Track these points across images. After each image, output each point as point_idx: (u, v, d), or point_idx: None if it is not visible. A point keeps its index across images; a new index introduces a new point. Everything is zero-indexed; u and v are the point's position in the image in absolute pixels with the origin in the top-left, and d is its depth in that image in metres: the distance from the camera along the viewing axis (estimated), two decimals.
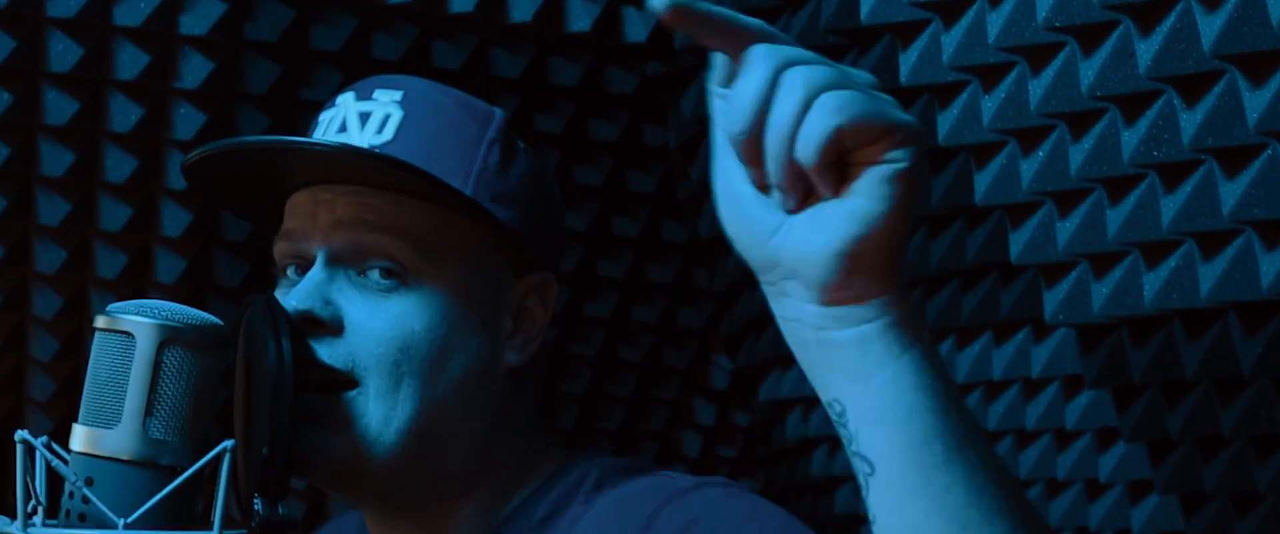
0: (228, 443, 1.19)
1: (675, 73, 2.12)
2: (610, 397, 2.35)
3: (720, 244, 2.28)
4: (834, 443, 2.25)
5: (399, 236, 1.26)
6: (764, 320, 2.29)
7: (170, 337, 1.19)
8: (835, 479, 2.28)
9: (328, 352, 1.25)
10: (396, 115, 1.29)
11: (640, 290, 2.29)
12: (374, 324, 1.26)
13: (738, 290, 2.32)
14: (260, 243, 2.00)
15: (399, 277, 1.27)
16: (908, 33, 1.58)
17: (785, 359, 2.28)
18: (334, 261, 1.28)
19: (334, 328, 1.26)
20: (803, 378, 2.28)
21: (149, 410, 1.19)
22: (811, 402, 2.26)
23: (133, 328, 1.19)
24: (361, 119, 1.29)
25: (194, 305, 1.21)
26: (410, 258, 1.26)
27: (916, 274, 1.87)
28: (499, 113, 1.33)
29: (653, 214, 2.24)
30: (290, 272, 1.32)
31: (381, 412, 1.25)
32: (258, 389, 1.23)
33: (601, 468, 1.30)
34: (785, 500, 2.46)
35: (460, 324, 1.27)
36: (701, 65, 2.09)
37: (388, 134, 1.28)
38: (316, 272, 1.27)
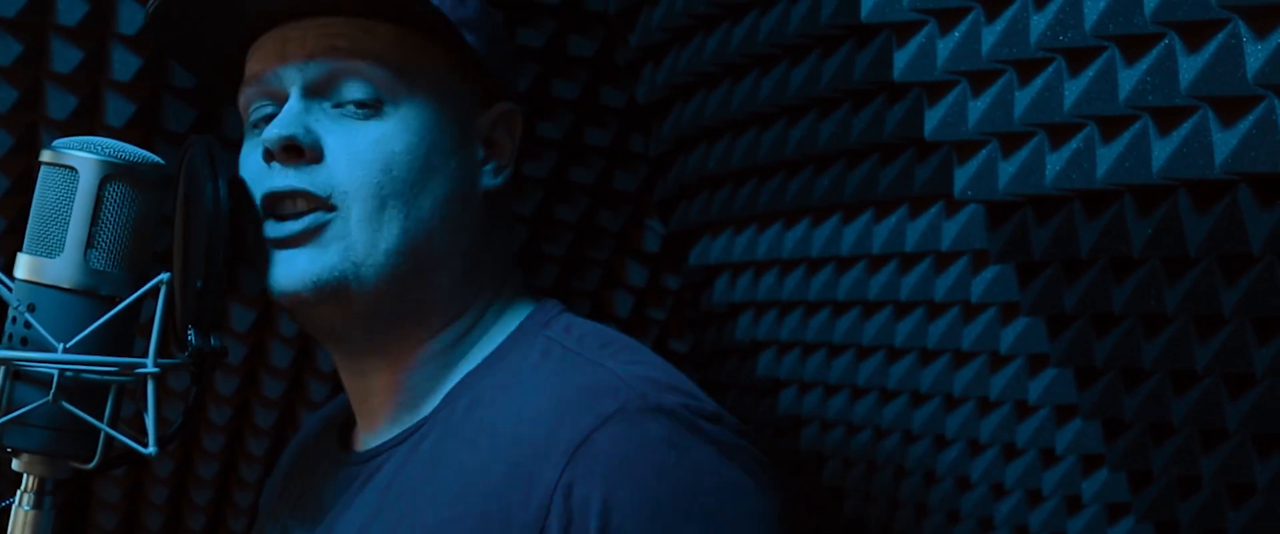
0: (165, 276, 1.25)
1: None
2: (545, 255, 2.40)
3: (657, 110, 2.35)
4: (758, 308, 2.32)
5: (372, 61, 1.30)
6: (697, 186, 2.35)
7: (112, 172, 1.25)
8: (758, 344, 2.35)
9: (308, 179, 1.30)
10: None
11: (577, 152, 2.34)
12: (354, 149, 1.29)
13: (672, 156, 2.37)
14: (209, 90, 2.04)
15: (373, 104, 1.30)
16: None
17: (715, 225, 2.34)
18: (309, 93, 1.31)
19: (314, 155, 1.30)
20: (731, 244, 2.35)
21: (90, 242, 1.24)
22: (739, 267, 2.33)
23: (76, 162, 1.25)
24: None
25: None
26: (384, 81, 1.30)
27: (839, 146, 1.94)
28: None
29: (591, 78, 2.29)
30: (259, 115, 1.35)
31: (367, 234, 1.29)
32: (195, 226, 1.28)
33: (547, 344, 1.32)
34: (711, 363, 2.54)
35: (439, 145, 1.31)
36: None
37: None
38: (293, 103, 1.31)
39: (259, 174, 1.30)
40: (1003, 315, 1.87)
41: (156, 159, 1.27)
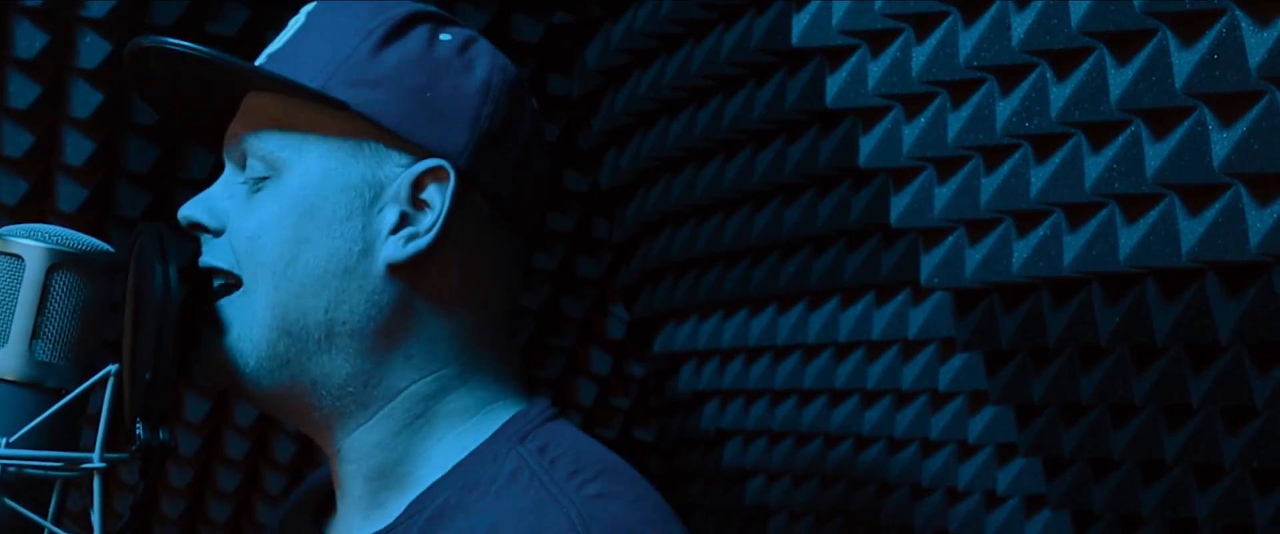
0: (112, 367, 1.21)
1: (581, 23, 2.15)
2: (512, 338, 2.38)
3: (620, 195, 2.34)
4: (724, 397, 2.30)
5: (261, 130, 1.28)
6: (661, 272, 2.33)
7: (60, 260, 1.21)
8: (724, 432, 2.33)
9: (213, 254, 1.28)
10: (299, 24, 1.30)
11: (540, 238, 2.32)
12: (239, 219, 1.27)
13: (636, 241, 2.35)
14: (161, 173, 2.02)
15: (265, 177, 1.28)
16: None
17: (681, 312, 2.32)
18: (231, 165, 1.31)
19: (216, 231, 1.28)
20: (696, 331, 2.33)
21: (36, 332, 1.21)
22: (704, 355, 2.31)
23: (22, 251, 1.21)
24: (283, 32, 1.32)
25: (94, 235, 1.23)
26: (270, 153, 1.26)
27: (804, 232, 1.92)
28: (413, 6, 1.30)
29: (555, 162, 2.28)
30: None
31: (247, 308, 1.25)
32: (144, 316, 1.25)
33: (517, 463, 1.23)
34: (676, 452, 2.51)
35: (317, 212, 1.25)
36: (607, 16, 2.12)
37: (282, 41, 1.29)
38: (221, 178, 1.31)
39: None
40: (971, 404, 1.85)
41: (105, 246, 1.24)
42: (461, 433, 1.28)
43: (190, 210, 1.28)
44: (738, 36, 1.81)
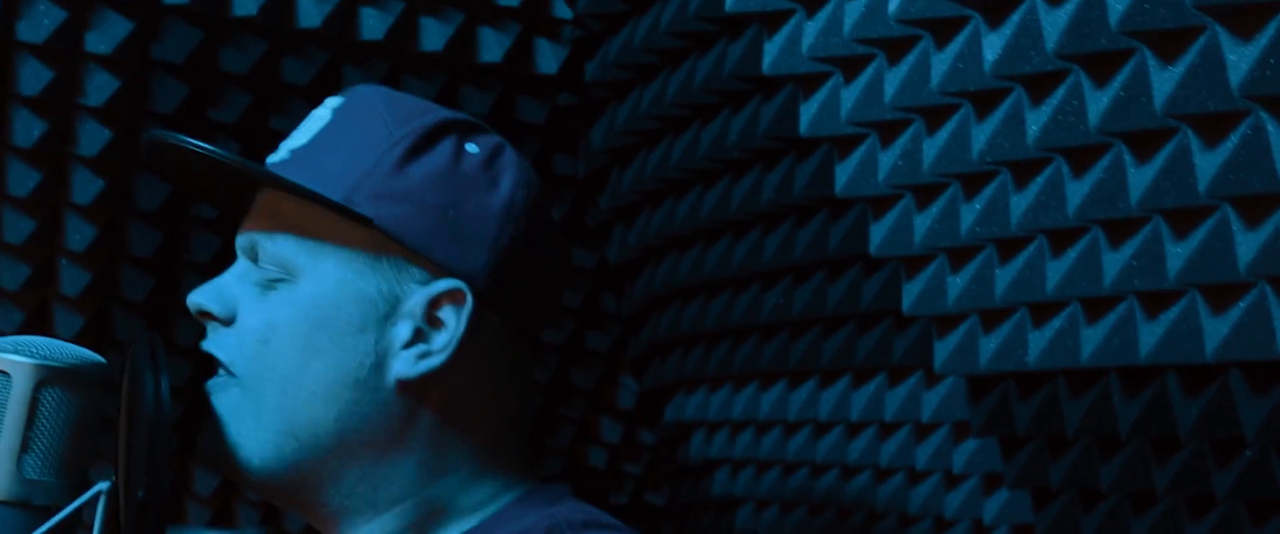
0: (102, 485, 1.19)
1: (585, 104, 2.13)
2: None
3: (628, 270, 2.31)
4: (735, 465, 2.27)
5: (277, 231, 1.26)
6: (670, 345, 2.31)
7: (48, 376, 1.19)
8: (735, 499, 2.30)
9: (215, 343, 1.26)
10: (324, 121, 1.28)
11: None
12: (248, 317, 1.25)
13: (644, 315, 2.33)
14: (165, 258, 2.00)
15: (280, 277, 1.26)
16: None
17: (690, 383, 2.30)
18: (247, 258, 1.29)
19: (225, 320, 1.26)
20: (707, 402, 2.31)
21: (24, 449, 1.18)
22: (714, 425, 2.28)
23: (9, 367, 1.19)
24: (306, 125, 1.30)
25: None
26: (286, 256, 1.25)
27: (815, 314, 1.89)
28: (440, 113, 1.29)
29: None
30: None
31: (252, 409, 1.24)
32: (137, 430, 1.22)
33: (550, 521, 1.24)
34: (688, 518, 2.48)
35: (330, 323, 1.24)
36: (611, 97, 2.10)
37: (305, 139, 1.28)
38: (232, 267, 1.29)
39: None
40: (986, 485, 1.82)
41: (97, 358, 1.22)
42: (472, 521, 1.28)
43: (200, 298, 1.27)
44: (745, 121, 1.79)
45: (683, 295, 2.20)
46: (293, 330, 1.24)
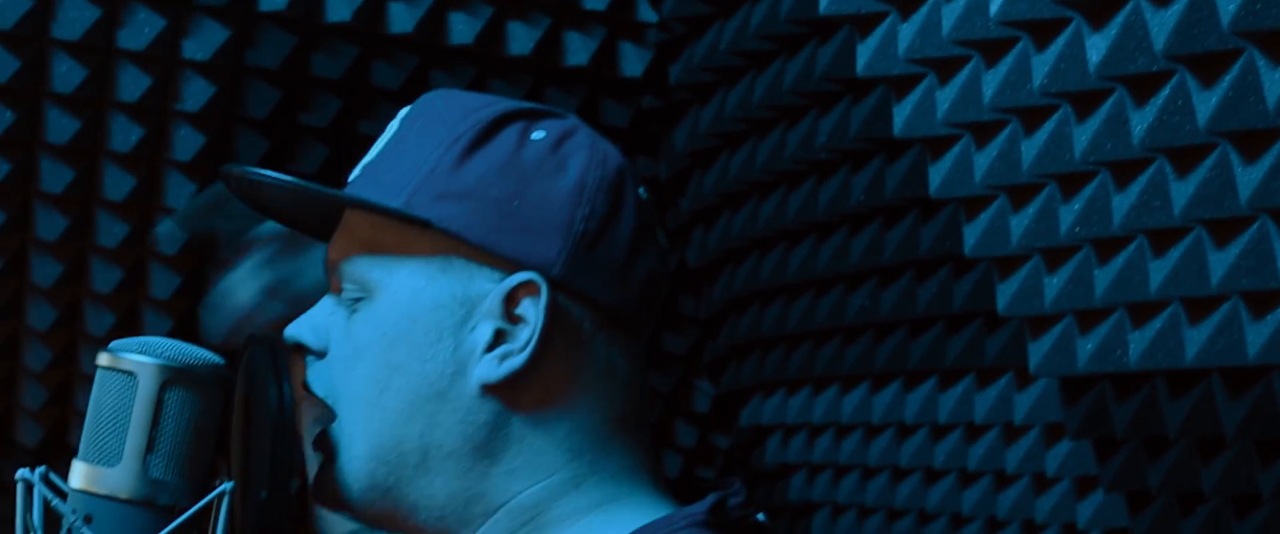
0: (227, 485, 1.20)
1: (669, 107, 2.14)
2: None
3: (707, 273, 2.32)
4: (811, 469, 2.27)
5: (352, 253, 1.25)
6: (748, 348, 2.31)
7: (173, 377, 1.20)
8: (811, 504, 2.30)
9: (314, 378, 1.25)
10: (392, 132, 1.25)
11: None
12: (338, 346, 1.22)
13: (723, 317, 2.33)
14: None
15: (360, 294, 1.25)
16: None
17: (767, 386, 2.30)
18: (332, 282, 1.28)
19: (319, 353, 1.25)
20: (783, 405, 2.30)
21: (149, 449, 1.19)
22: (791, 429, 2.28)
23: (135, 368, 1.20)
24: (379, 141, 1.29)
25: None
26: (361, 276, 1.23)
27: (903, 315, 1.89)
28: (502, 104, 1.23)
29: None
30: None
31: (346, 436, 1.22)
32: (257, 431, 1.23)
33: None
34: None
35: (407, 337, 1.21)
36: (694, 100, 2.11)
37: (376, 151, 1.25)
38: (325, 299, 1.27)
39: None
40: (1078, 489, 1.81)
41: (217, 359, 1.23)
42: (580, 529, 1.21)
43: (295, 330, 1.24)
44: (834, 123, 1.79)
45: (763, 297, 2.20)
46: (373, 352, 1.20)
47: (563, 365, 1.23)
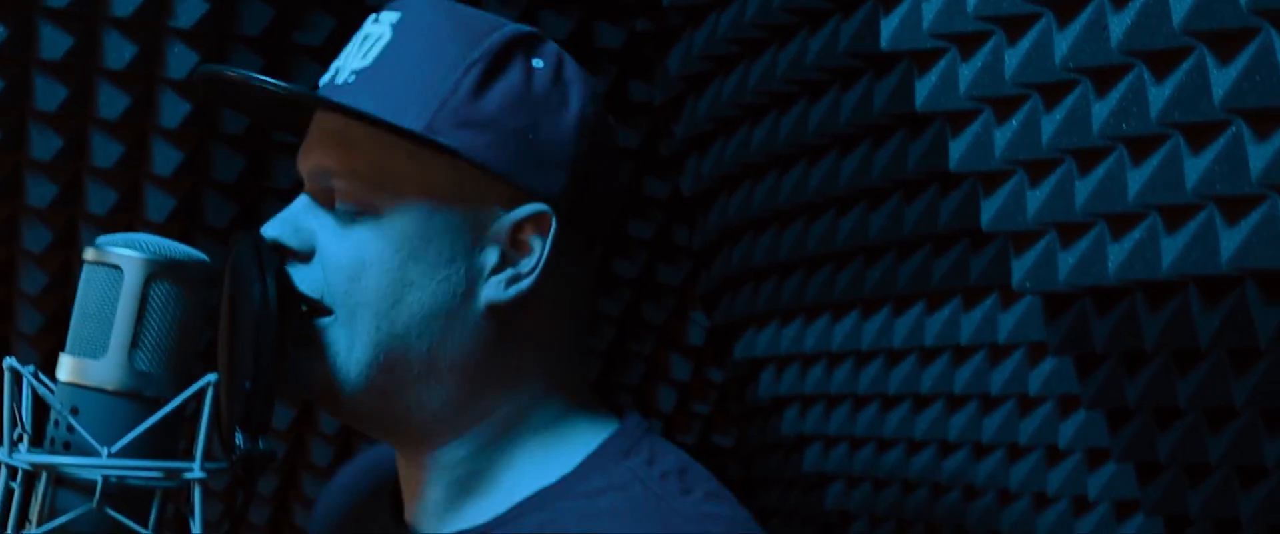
0: (211, 377, 1.22)
1: (663, 30, 2.14)
2: (587, 349, 2.38)
3: (701, 201, 2.33)
4: (805, 402, 2.28)
5: (353, 169, 1.25)
6: (742, 278, 2.32)
7: (158, 271, 1.22)
8: (804, 438, 2.31)
9: (302, 278, 1.26)
10: (385, 39, 1.26)
11: (620, 244, 2.32)
12: (334, 251, 1.24)
13: (716, 248, 2.34)
14: (249, 184, 2.03)
15: (360, 209, 1.26)
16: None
17: (761, 318, 2.31)
18: (312, 192, 1.29)
19: (304, 255, 1.26)
20: (778, 336, 2.32)
21: (135, 343, 1.21)
22: (784, 361, 2.29)
23: (121, 261, 1.22)
24: (361, 42, 1.28)
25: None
26: (367, 189, 1.24)
27: (890, 238, 1.91)
28: (505, 29, 1.28)
29: (636, 169, 2.27)
30: None
31: (345, 341, 1.24)
32: (242, 325, 1.25)
33: (627, 477, 1.24)
34: (756, 457, 2.50)
35: (421, 256, 1.24)
36: (688, 23, 2.12)
37: (368, 60, 1.26)
38: (300, 198, 1.29)
39: None
40: (1061, 409, 1.83)
41: (202, 256, 1.25)
42: (545, 439, 1.29)
43: (275, 230, 1.26)
44: (824, 41, 1.80)
45: (756, 225, 2.22)
46: (383, 266, 1.24)
47: (555, 287, 1.29)
